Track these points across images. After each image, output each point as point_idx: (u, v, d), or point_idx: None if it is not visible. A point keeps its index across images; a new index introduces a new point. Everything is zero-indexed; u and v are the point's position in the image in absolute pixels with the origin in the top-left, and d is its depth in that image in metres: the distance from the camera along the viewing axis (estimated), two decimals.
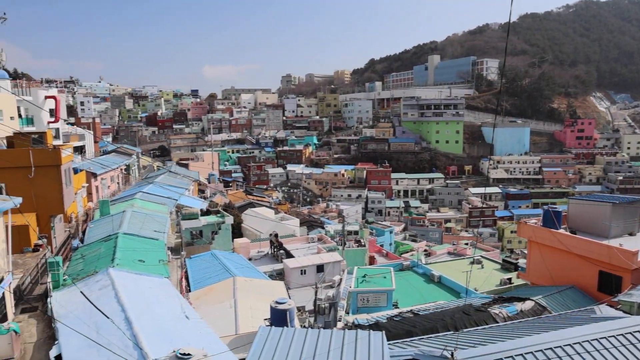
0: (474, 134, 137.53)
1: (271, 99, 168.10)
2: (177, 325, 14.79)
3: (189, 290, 23.77)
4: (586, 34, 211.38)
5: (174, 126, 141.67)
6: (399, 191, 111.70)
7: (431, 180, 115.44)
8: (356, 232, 47.18)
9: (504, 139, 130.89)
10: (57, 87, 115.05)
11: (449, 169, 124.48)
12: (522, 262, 33.57)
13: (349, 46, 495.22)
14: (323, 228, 54.81)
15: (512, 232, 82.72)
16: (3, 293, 15.47)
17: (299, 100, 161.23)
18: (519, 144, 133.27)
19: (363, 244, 42.51)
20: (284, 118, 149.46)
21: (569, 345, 10.94)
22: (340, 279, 30.72)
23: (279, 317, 16.26)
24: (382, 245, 52.96)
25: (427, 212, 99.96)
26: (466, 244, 60.86)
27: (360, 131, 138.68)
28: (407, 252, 53.09)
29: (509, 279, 28.61)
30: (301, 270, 32.44)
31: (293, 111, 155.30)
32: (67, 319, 14.66)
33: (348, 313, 23.99)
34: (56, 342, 14.15)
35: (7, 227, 17.07)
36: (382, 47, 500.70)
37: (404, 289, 27.59)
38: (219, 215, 37.47)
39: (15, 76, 77.00)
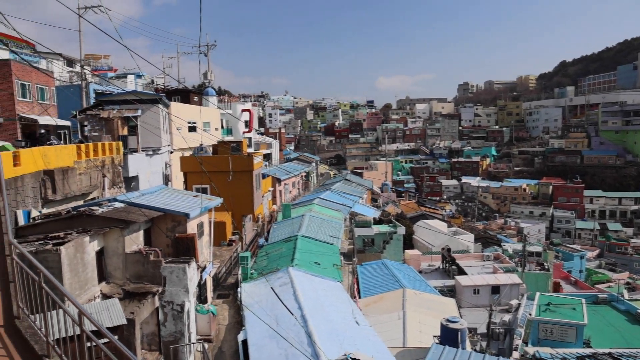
0: None
1: (447, 109, 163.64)
2: (348, 330, 15.18)
3: (359, 297, 24.33)
4: None
5: (350, 136, 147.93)
6: (593, 211, 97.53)
7: (637, 200, 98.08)
8: (539, 254, 42.71)
9: None
10: (251, 101, 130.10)
11: None
12: None
13: (535, 48, 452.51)
14: (500, 246, 50.99)
15: None
16: (205, 279, 17.95)
17: (476, 109, 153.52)
18: None
19: (547, 267, 38.24)
20: (460, 128, 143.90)
21: None
22: (519, 304, 28.22)
23: (449, 336, 15.53)
24: (569, 272, 46.85)
25: (632, 237, 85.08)
26: None
27: (547, 142, 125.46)
28: (603, 282, 45.93)
29: None
30: (474, 290, 30.64)
31: (470, 120, 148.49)
32: (253, 309, 16.27)
33: (526, 343, 21.81)
34: (243, 328, 15.81)
35: (210, 222, 19.78)
36: (575, 47, 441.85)
37: (598, 325, 23.91)
38: (391, 225, 37.72)
39: (219, 93, 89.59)
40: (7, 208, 8.02)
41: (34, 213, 15.09)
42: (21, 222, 14.17)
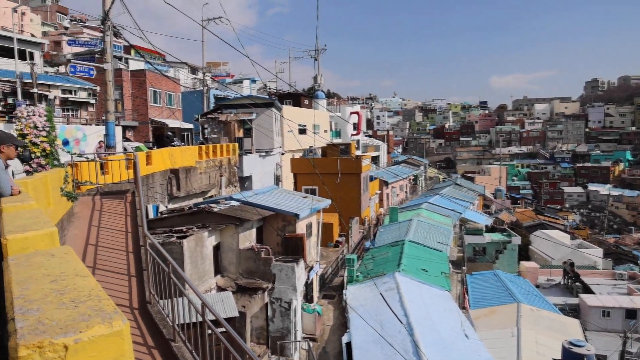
0: None
1: (571, 108, 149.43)
2: (456, 342, 14.44)
3: (469, 308, 23.09)
4: None
5: (461, 138, 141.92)
6: None
7: None
8: None
9: None
10: (359, 103, 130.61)
11: None
12: None
13: None
14: (637, 264, 45.14)
15: None
16: (312, 279, 18.29)
17: (607, 108, 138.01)
18: None
19: None
20: (587, 130, 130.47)
21: None
22: None
23: None
24: None
25: None
26: None
27: None
28: None
29: None
30: (603, 311, 27.41)
31: (599, 121, 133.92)
32: (359, 312, 16.19)
33: None
34: (347, 330, 15.80)
35: (318, 223, 20.14)
36: None
37: None
38: (504, 233, 35.38)
39: (328, 96, 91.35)
40: (142, 203, 8.84)
41: (162, 208, 16.58)
42: (151, 215, 15.65)
